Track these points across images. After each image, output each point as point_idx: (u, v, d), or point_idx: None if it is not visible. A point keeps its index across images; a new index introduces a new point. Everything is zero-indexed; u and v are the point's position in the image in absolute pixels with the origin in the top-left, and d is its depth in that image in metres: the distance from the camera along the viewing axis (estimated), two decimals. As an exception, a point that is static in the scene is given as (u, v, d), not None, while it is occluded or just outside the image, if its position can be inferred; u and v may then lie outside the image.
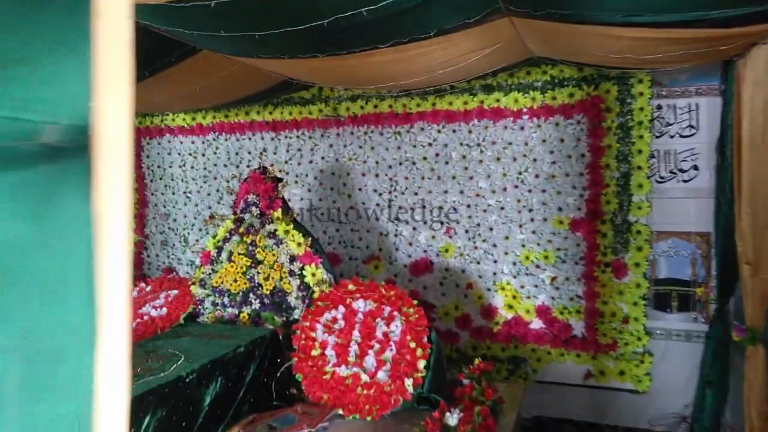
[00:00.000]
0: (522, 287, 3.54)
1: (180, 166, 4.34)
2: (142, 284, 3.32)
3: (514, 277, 3.56)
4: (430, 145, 3.70)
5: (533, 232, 3.50)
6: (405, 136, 3.75)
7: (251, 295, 2.94)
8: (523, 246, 3.53)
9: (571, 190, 3.40)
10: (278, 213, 2.94)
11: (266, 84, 3.03)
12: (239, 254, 2.96)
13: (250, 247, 2.95)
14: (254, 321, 2.94)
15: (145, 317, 2.94)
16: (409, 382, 2.48)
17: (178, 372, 2.06)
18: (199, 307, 3.06)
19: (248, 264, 2.94)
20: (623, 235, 3.29)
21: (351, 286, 2.81)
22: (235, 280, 2.96)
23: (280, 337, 2.80)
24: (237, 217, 3.01)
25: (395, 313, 2.68)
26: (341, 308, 2.74)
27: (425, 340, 2.61)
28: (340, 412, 2.49)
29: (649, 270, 3.29)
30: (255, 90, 3.12)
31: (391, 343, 2.59)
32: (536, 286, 3.51)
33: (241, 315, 2.96)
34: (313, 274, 2.87)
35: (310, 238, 2.91)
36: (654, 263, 3.32)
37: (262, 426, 2.25)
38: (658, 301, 3.34)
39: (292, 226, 2.92)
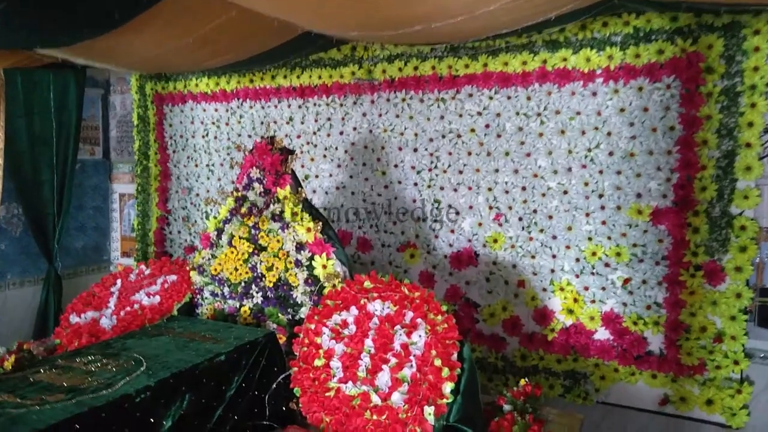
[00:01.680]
0: (586, 289, 2.91)
1: (203, 136, 3.94)
2: (142, 266, 2.95)
3: (577, 276, 2.92)
4: (479, 114, 3.09)
5: (603, 223, 2.84)
6: (450, 103, 3.15)
7: (253, 286, 2.48)
8: (590, 239, 2.88)
9: (655, 172, 2.72)
10: (285, 191, 2.45)
11: (279, 38, 2.52)
12: (240, 238, 2.51)
13: (253, 231, 2.49)
14: (256, 317, 2.49)
15: (135, 306, 2.56)
16: (429, 410, 1.95)
17: (125, 389, 1.62)
18: (198, 296, 2.65)
19: (250, 250, 2.48)
20: (722, 230, 2.58)
21: (367, 283, 2.29)
22: (236, 269, 2.51)
23: (281, 341, 2.34)
24: (239, 194, 2.55)
25: (419, 320, 2.15)
26: (353, 310, 2.23)
27: (455, 357, 2.07)
28: (343, 440, 2.00)
29: (755, 277, 2.58)
30: (269, 45, 2.62)
31: (412, 357, 2.07)
32: (604, 289, 2.87)
33: (242, 309, 2.52)
34: (324, 266, 2.37)
35: (321, 223, 2.41)
36: (761, 268, 2.60)
37: (238, 457, 1.80)
38: (764, 316, 2.62)
39: (300, 207, 2.43)
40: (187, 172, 4.05)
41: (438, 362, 2.02)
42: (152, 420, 1.64)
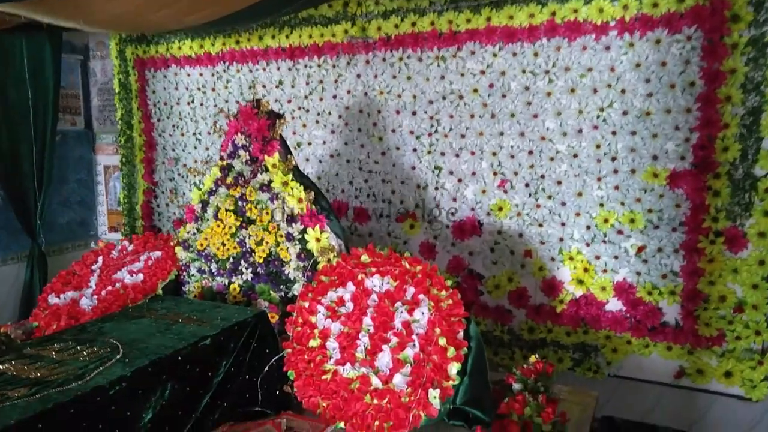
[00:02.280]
0: (597, 258, 2.74)
1: (188, 103, 3.72)
2: (125, 242, 2.77)
3: (588, 244, 2.75)
4: (482, 73, 2.87)
5: (616, 188, 2.66)
6: (450, 62, 2.93)
7: (242, 262, 2.31)
8: (602, 205, 2.70)
9: (673, 132, 2.52)
10: (274, 159, 2.25)
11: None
12: (227, 211, 2.32)
13: (240, 203, 2.30)
14: (247, 294, 2.33)
15: (117, 285, 2.39)
16: (435, 394, 1.80)
17: (98, 380, 1.46)
18: (184, 273, 2.48)
19: (237, 224, 2.30)
20: (744, 194, 2.40)
21: (365, 257, 2.12)
22: (223, 244, 2.33)
23: (273, 320, 2.18)
24: (224, 163, 2.35)
25: (421, 296, 1.98)
26: (350, 286, 2.06)
27: (461, 335, 1.91)
28: (342, 425, 1.85)
29: (779, 242, 2.41)
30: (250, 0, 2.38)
31: (414, 336, 1.91)
32: (616, 258, 2.70)
33: (232, 287, 2.35)
34: (317, 240, 2.19)
35: (313, 193, 2.22)
36: (786, 233, 2.42)
37: (226, 449, 1.65)
38: (788, 283, 2.46)
39: (291, 176, 2.24)
40: (173, 142, 3.83)
41: (443, 341, 1.87)
42: (129, 413, 1.49)
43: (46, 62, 3.71)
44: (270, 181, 2.24)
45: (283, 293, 2.25)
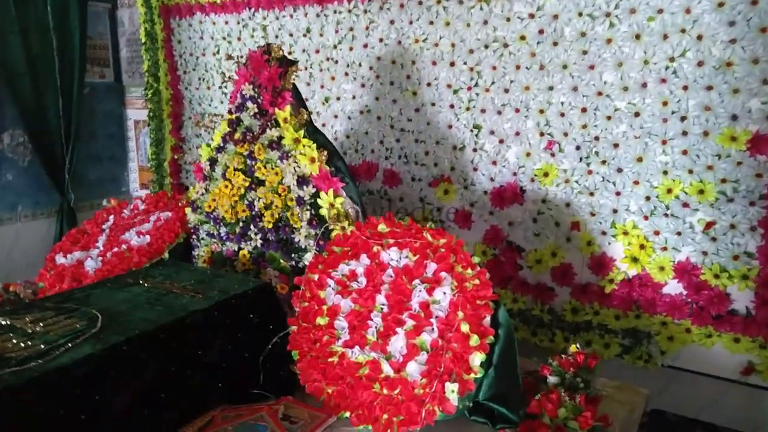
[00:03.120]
0: (656, 234, 2.39)
1: (214, 54, 3.50)
2: (137, 202, 2.62)
3: (646, 218, 2.40)
4: (531, 17, 2.50)
5: (684, 153, 2.28)
6: (495, 5, 2.57)
7: (252, 227, 2.10)
8: (665, 173, 2.33)
9: (759, 86, 2.10)
10: (285, 112, 2.00)
11: None
12: (235, 170, 2.10)
13: (248, 161, 2.08)
14: (256, 262, 2.13)
15: (123, 247, 2.23)
16: (453, 388, 1.55)
17: (62, 360, 1.29)
18: (194, 237, 2.30)
19: (246, 184, 2.08)
20: None
21: (382, 227, 1.86)
22: (232, 206, 2.13)
23: (283, 292, 1.97)
24: (232, 117, 2.12)
25: (444, 274, 1.72)
26: (364, 259, 1.82)
27: (487, 321, 1.64)
28: (346, 416, 1.64)
29: None
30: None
31: (433, 320, 1.66)
32: (679, 234, 2.34)
33: (241, 253, 2.16)
34: (331, 205, 1.95)
35: (327, 152, 1.97)
36: None
37: (212, 439, 1.47)
38: None
39: (303, 132, 1.99)
40: (199, 96, 3.64)
41: (465, 327, 1.61)
42: (98, 397, 1.31)
43: (70, 8, 3.56)
44: (280, 138, 2.00)
45: (294, 262, 2.03)
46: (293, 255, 2.03)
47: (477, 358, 1.60)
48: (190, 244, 2.30)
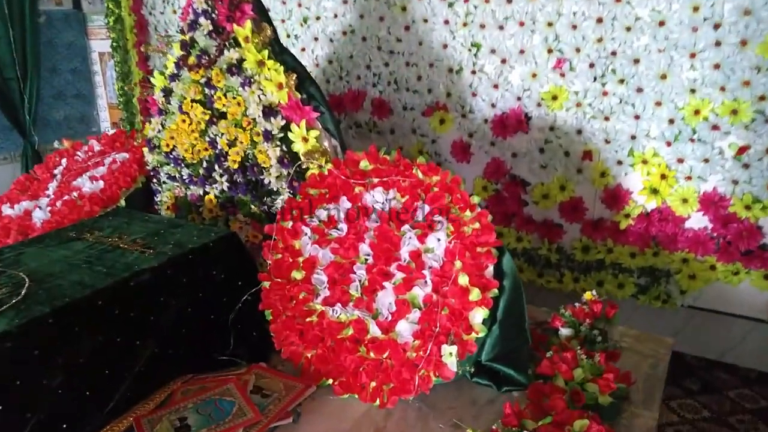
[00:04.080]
0: (680, 161, 2.10)
1: (176, -29, 3.09)
2: (93, 142, 2.32)
3: (669, 143, 2.11)
4: None
5: (716, 67, 1.96)
6: None
7: (216, 167, 1.82)
8: (693, 91, 2.02)
9: (813, -19, 1.76)
10: (245, 29, 1.67)
11: None
12: (192, 101, 1.79)
13: (207, 90, 1.76)
14: (225, 207, 1.86)
15: (74, 194, 1.96)
16: (451, 350, 1.33)
17: (-35, 341, 1.04)
18: (155, 180, 2.02)
19: (206, 118, 1.78)
20: None
21: (364, 163, 1.58)
22: (192, 144, 1.84)
23: (256, 241, 1.72)
24: (185, 38, 1.79)
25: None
26: (344, 202, 1.55)
27: (490, 272, 1.39)
28: (328, 383, 1.43)
29: None
30: None
31: (426, 271, 1.41)
32: (707, 161, 2.06)
33: (207, 198, 1.88)
34: (304, 139, 1.65)
35: (296, 76, 1.65)
36: None
37: (169, 418, 1.25)
38: None
39: (267, 52, 1.66)
40: (165, 21, 3.26)
41: (464, 280, 1.36)
42: (20, 382, 1.08)
43: None
44: (241, 60, 1.68)
45: (266, 207, 1.76)
46: (265, 199, 1.76)
47: (478, 315, 1.36)
48: (151, 189, 2.02)
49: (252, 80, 1.66)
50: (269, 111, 1.65)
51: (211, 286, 1.49)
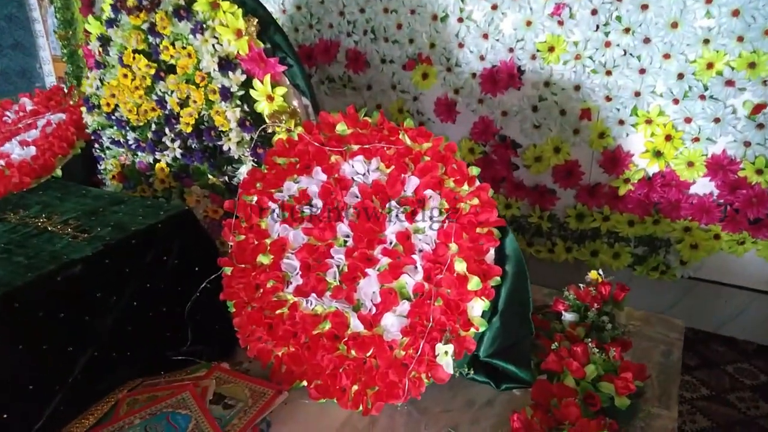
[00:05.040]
0: (687, 121, 1.91)
1: None
2: (24, 100, 2.01)
3: (676, 101, 1.91)
4: None
5: (735, 14, 1.74)
6: None
7: (167, 131, 1.55)
8: (707, 42, 1.80)
9: None
10: (193, -39, 1.38)
11: None
12: (135, 52, 1.51)
13: (150, 38, 1.48)
14: (179, 177, 1.61)
15: (1, 162, 1.68)
16: (446, 349, 1.14)
17: None
18: (97, 146, 1.74)
19: (152, 72, 1.50)
20: None
21: (342, 127, 1.34)
22: (137, 104, 1.56)
23: (215, 217, 1.48)
24: (121, -28, 1.48)
25: (430, 192, 1.23)
26: (318, 173, 1.31)
27: (491, 256, 1.19)
28: (303, 385, 1.23)
29: None
30: None
31: (416, 256, 1.20)
32: (717, 121, 1.87)
33: (158, 166, 1.62)
34: (270, 98, 1.39)
35: (257, 20, 1.37)
36: None
37: (112, 441, 1.04)
38: None
39: (222, -10, 1.38)
40: (109, -40, 2.87)
41: (461, 266, 1.16)
42: None
43: None
44: (190, 1, 1.39)
45: (227, 177, 1.52)
46: (225, 168, 1.51)
47: (478, 307, 1.17)
48: (93, 155, 1.75)
49: (204, 26, 1.39)
50: (226, 64, 1.38)
51: (161, 275, 1.26)
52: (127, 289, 1.18)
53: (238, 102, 1.41)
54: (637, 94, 1.96)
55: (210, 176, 1.53)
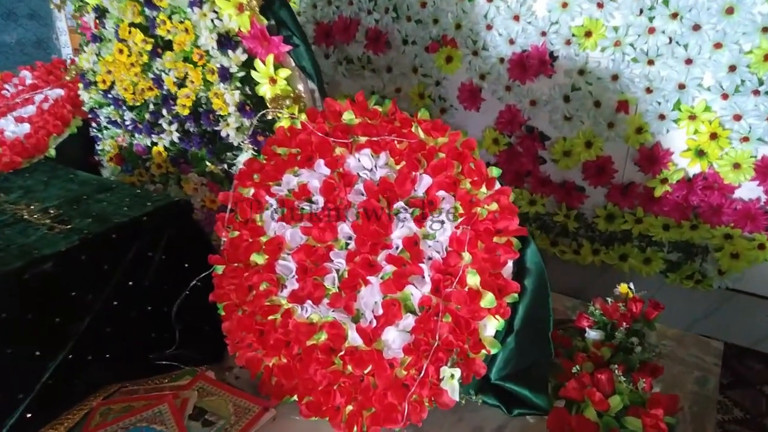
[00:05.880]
0: (737, 119, 1.73)
1: None
2: (24, 73, 1.91)
3: (726, 96, 1.72)
4: None
5: (800, -1, 1.55)
6: None
7: (164, 112, 1.44)
8: (766, 30, 1.61)
9: None
10: (192, -75, 1.24)
11: None
12: (131, 26, 1.39)
13: (147, 10, 1.36)
14: (176, 162, 1.50)
15: (-6, 140, 1.59)
16: (452, 372, 1.01)
17: None
18: (93, 125, 1.64)
19: (148, 48, 1.38)
20: None
21: (349, 116, 1.20)
22: (133, 82, 1.45)
23: (207, 206, 1.37)
24: (115, -64, 1.36)
25: (443, 193, 1.10)
26: (321, 166, 1.18)
27: (509, 270, 1.05)
28: (293, 400, 1.12)
29: None
30: None
31: (425, 265, 1.07)
32: (770, 120, 1.69)
33: (155, 150, 1.52)
34: (273, 80, 1.26)
35: (261, -7, 1.24)
36: None
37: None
38: None
39: (222, -41, 1.24)
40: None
41: (474, 279, 1.02)
42: None
43: None
44: (187, -29, 1.26)
45: (226, 165, 1.40)
46: (224, 155, 1.39)
47: (491, 327, 1.03)
48: (90, 135, 1.65)
49: (202, 0, 1.26)
50: (226, 41, 1.26)
51: (146, 272, 1.16)
52: (106, 288, 1.08)
53: (238, 84, 1.28)
54: (682, 86, 1.77)
55: (208, 163, 1.42)
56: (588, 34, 1.84)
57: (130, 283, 1.13)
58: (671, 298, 2.00)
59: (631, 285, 1.33)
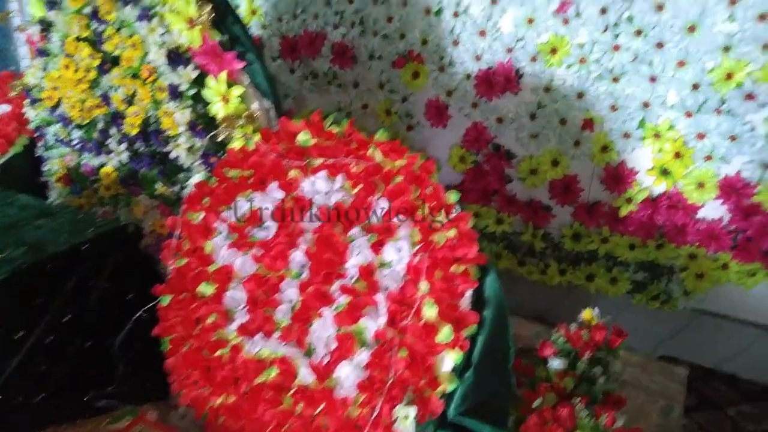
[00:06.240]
0: (700, 137, 1.73)
1: None
2: (-33, 88, 1.82)
3: (689, 114, 1.72)
4: None
5: (761, 18, 1.55)
6: None
7: (113, 131, 1.37)
8: (728, 50, 1.61)
9: None
10: (138, -62, 1.19)
11: None
12: (78, 40, 1.32)
13: (94, 24, 1.29)
14: (126, 183, 1.43)
15: (-70, 159, 1.49)
16: (406, 412, 0.96)
17: None
18: (40, 144, 1.56)
19: (96, 63, 1.32)
20: None
21: (305, 136, 1.15)
22: (81, 99, 1.38)
23: (162, 232, 1.30)
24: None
25: (400, 219, 1.05)
26: (274, 190, 1.13)
27: (467, 300, 1.01)
28: (244, 441, 1.06)
29: None
30: None
31: (381, 296, 1.02)
32: (733, 139, 1.69)
33: (103, 170, 1.44)
34: (225, 99, 1.21)
35: (212, 6, 1.19)
36: None
37: None
38: None
39: (170, -27, 1.19)
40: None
41: (431, 311, 0.98)
42: None
43: None
44: (135, -15, 1.20)
45: (178, 188, 1.34)
46: (176, 177, 1.33)
47: (448, 361, 0.99)
48: (37, 154, 1.57)
49: (152, 12, 1.20)
50: (176, 57, 1.20)
51: (85, 303, 1.09)
52: (39, 322, 1.01)
53: (189, 102, 1.23)
54: (646, 104, 1.77)
55: (159, 185, 1.35)
56: (553, 50, 1.83)
57: (69, 316, 1.05)
58: (637, 318, 1.99)
59: (596, 310, 1.31)
